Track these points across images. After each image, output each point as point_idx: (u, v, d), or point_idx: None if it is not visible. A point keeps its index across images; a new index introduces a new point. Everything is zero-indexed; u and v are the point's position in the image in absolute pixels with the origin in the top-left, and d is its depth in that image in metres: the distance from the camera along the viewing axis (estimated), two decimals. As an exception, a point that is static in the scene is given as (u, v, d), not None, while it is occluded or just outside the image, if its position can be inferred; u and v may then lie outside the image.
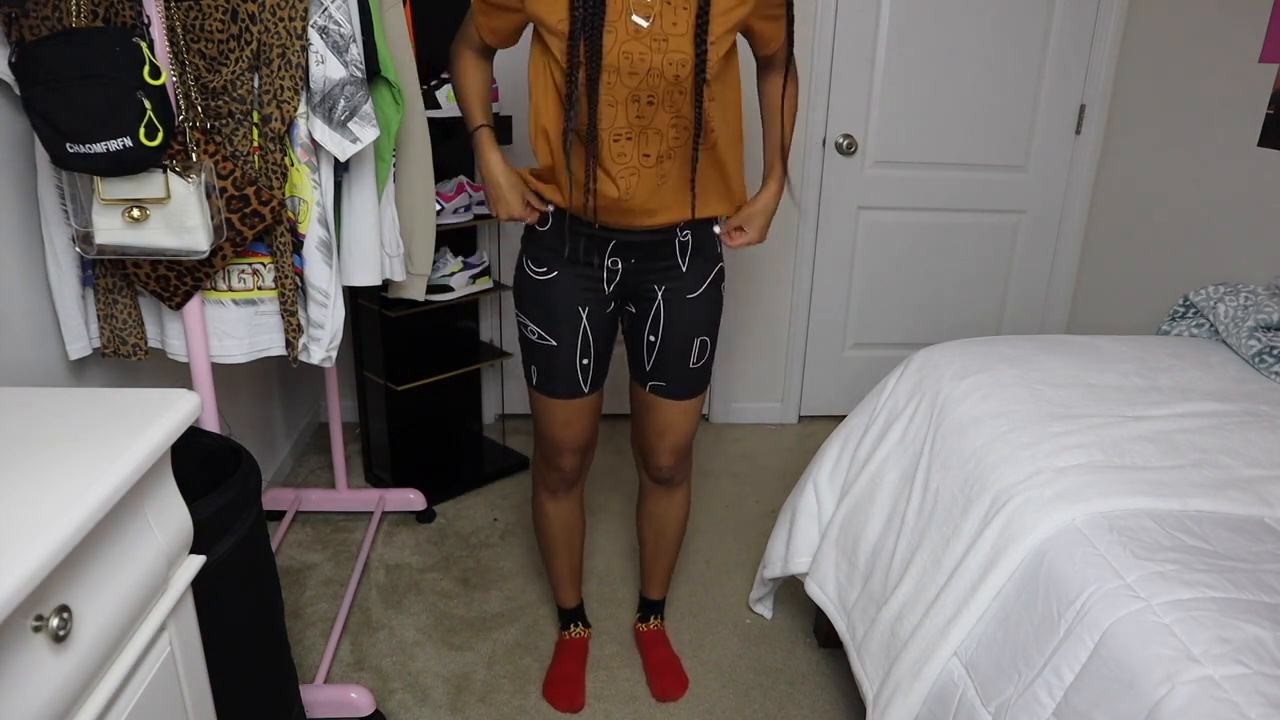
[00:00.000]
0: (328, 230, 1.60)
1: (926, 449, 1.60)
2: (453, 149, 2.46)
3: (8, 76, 1.34)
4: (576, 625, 1.99)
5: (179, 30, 1.41)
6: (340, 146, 1.55)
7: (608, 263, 1.57)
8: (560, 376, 1.64)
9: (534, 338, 1.63)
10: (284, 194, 1.55)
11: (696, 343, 1.65)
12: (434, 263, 2.22)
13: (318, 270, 1.61)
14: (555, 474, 1.77)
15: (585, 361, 1.64)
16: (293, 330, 1.62)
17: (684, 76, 1.37)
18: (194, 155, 1.41)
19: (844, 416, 1.96)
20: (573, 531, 1.88)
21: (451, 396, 2.79)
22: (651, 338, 1.64)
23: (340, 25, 1.50)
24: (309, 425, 2.96)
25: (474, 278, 2.52)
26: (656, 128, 1.42)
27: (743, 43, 1.51)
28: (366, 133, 1.56)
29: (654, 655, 1.94)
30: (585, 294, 1.59)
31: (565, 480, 1.78)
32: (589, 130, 1.40)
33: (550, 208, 1.55)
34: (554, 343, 1.61)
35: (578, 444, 1.73)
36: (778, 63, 1.59)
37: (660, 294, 1.61)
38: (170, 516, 1.01)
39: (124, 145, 1.29)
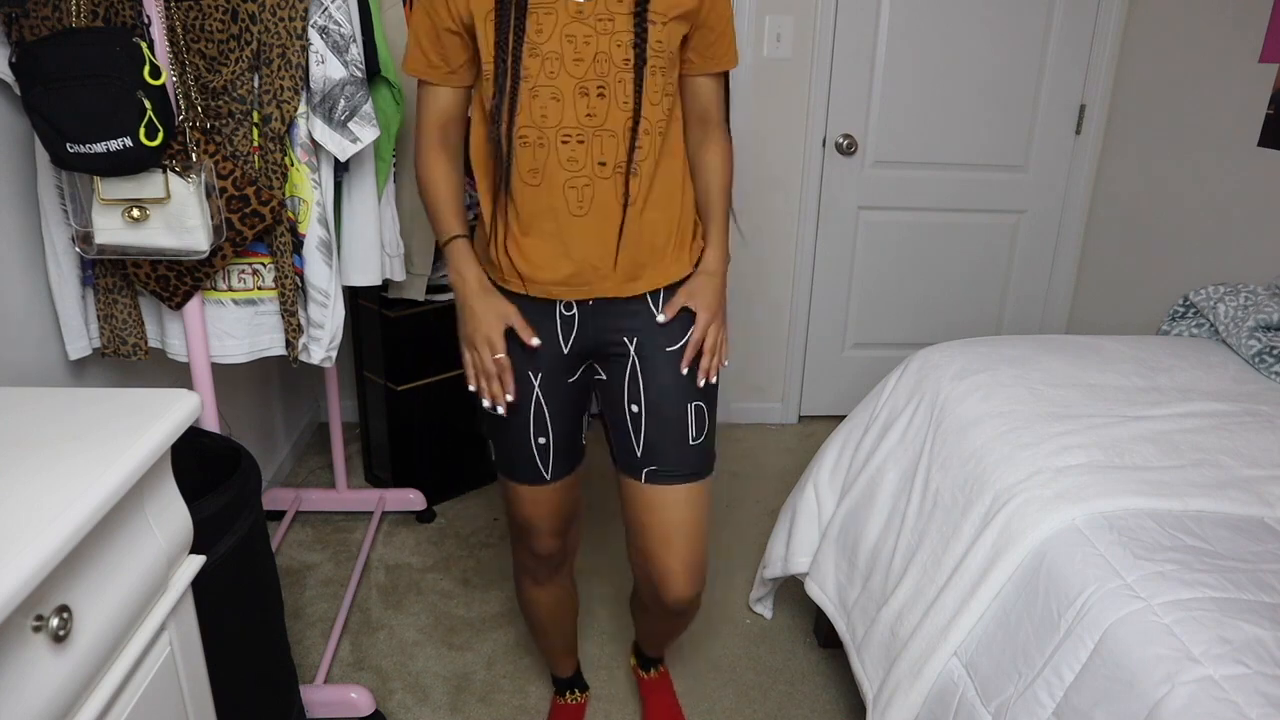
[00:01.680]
0: (328, 230, 1.60)
1: (926, 449, 1.60)
2: (453, 149, 2.46)
3: (8, 76, 1.34)
4: (573, 692, 1.81)
5: (179, 30, 1.41)
6: (340, 146, 1.55)
7: (560, 309, 1.31)
8: (517, 459, 1.38)
9: (485, 402, 1.33)
10: (284, 194, 1.55)
11: (691, 410, 1.34)
12: (434, 263, 2.23)
13: (318, 270, 1.61)
14: (533, 559, 1.52)
15: (542, 441, 1.36)
16: (293, 330, 1.62)
17: (635, 59, 1.19)
18: (194, 155, 1.41)
19: (844, 416, 1.96)
20: (563, 612, 1.65)
21: (451, 396, 2.79)
22: (634, 408, 1.34)
23: (340, 25, 1.50)
24: (309, 425, 2.96)
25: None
26: (610, 129, 1.22)
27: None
28: (366, 133, 1.56)
29: (654, 705, 1.81)
30: (535, 355, 1.32)
31: (547, 565, 1.53)
32: (507, 144, 1.21)
33: (536, 342, 1.30)
34: (501, 412, 1.33)
35: (552, 526, 1.46)
36: (712, 121, 1.36)
37: (632, 348, 1.33)
38: (170, 516, 1.01)
39: (124, 145, 1.29)
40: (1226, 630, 1.02)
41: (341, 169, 1.70)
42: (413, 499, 2.49)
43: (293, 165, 1.55)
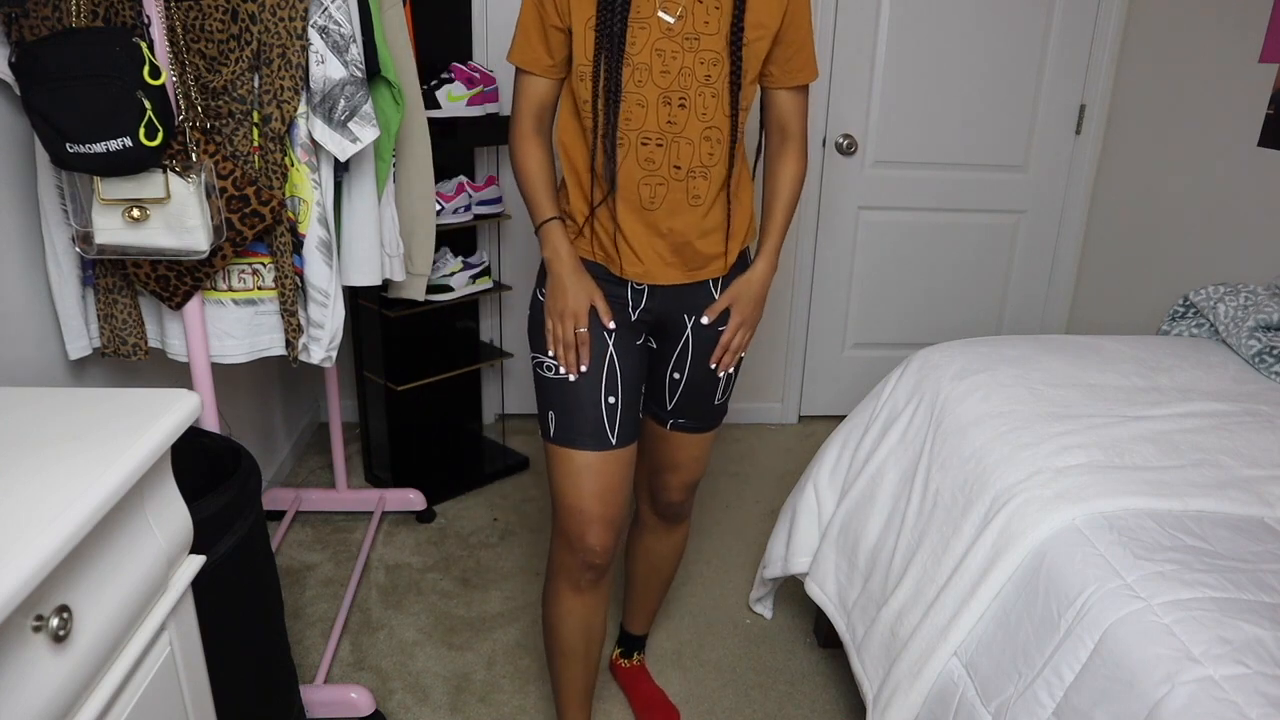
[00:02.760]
0: (328, 230, 1.60)
1: (926, 449, 1.60)
2: (453, 149, 2.46)
3: (8, 76, 1.34)
4: None
5: (179, 30, 1.41)
6: (340, 146, 1.55)
7: (631, 283, 1.43)
8: (583, 423, 1.39)
9: (550, 374, 1.41)
10: (284, 194, 1.55)
11: (723, 377, 1.51)
12: (434, 263, 2.23)
13: (318, 270, 1.61)
14: (579, 559, 1.43)
15: (612, 400, 1.40)
16: (293, 330, 1.62)
17: (715, 78, 1.31)
18: (194, 155, 1.41)
19: (844, 416, 1.96)
20: (594, 637, 1.54)
21: (451, 396, 2.79)
22: (676, 375, 1.50)
23: (340, 25, 1.50)
24: (309, 425, 2.96)
25: (474, 278, 2.52)
26: (688, 136, 1.33)
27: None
28: (366, 133, 1.56)
29: (641, 692, 1.85)
30: (611, 318, 1.42)
31: (593, 568, 1.44)
32: (609, 149, 1.33)
33: (614, 325, 1.41)
34: (571, 376, 1.40)
35: (608, 512, 1.41)
36: (790, 133, 1.46)
37: (690, 326, 1.46)
38: (170, 516, 1.01)
39: (124, 145, 1.29)
40: (1226, 630, 1.02)
41: (341, 169, 1.69)
42: (413, 499, 2.49)
43: (293, 165, 1.55)
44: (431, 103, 2.26)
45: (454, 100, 2.32)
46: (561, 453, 1.40)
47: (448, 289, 2.46)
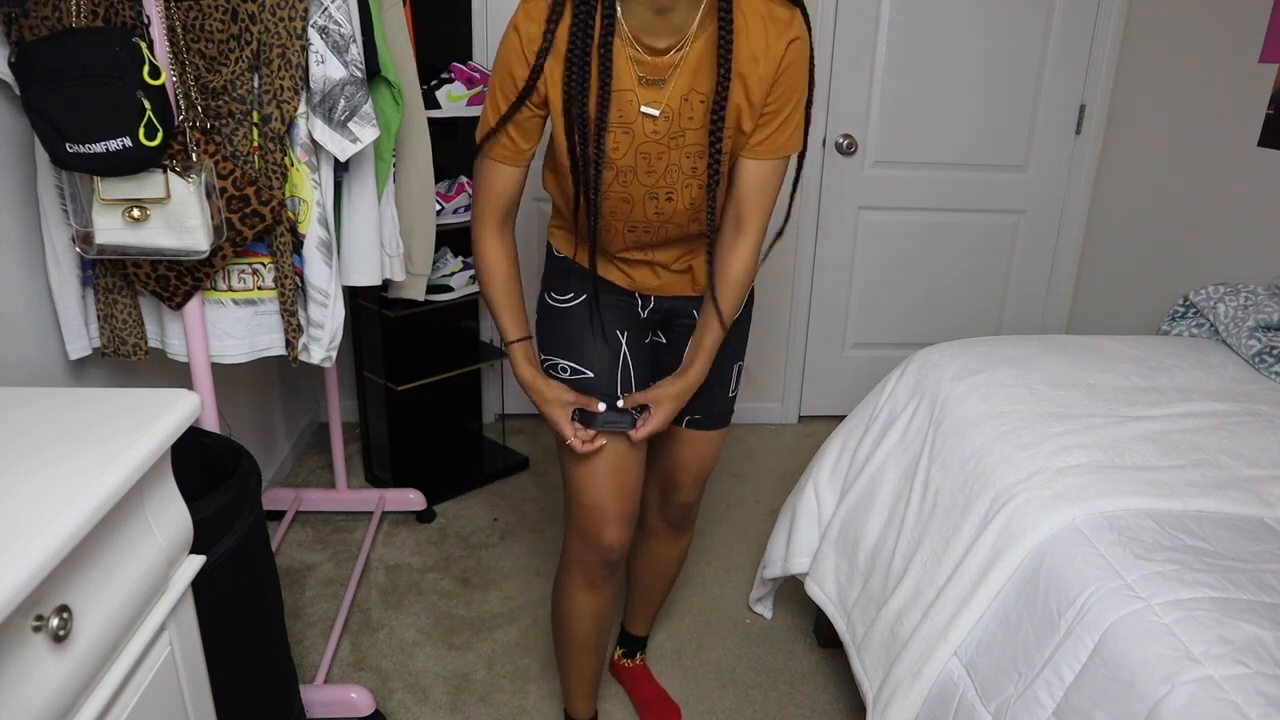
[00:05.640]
0: (328, 230, 1.60)
1: (926, 449, 1.60)
2: (453, 149, 2.46)
3: (8, 76, 1.34)
4: None
5: (179, 30, 1.40)
6: (340, 146, 1.55)
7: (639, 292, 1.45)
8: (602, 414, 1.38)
9: (564, 375, 1.40)
10: (284, 194, 1.55)
11: (734, 369, 1.52)
12: (434, 263, 2.22)
13: (318, 270, 1.61)
14: (595, 555, 1.44)
15: (627, 395, 1.41)
16: (293, 330, 1.62)
17: (701, 169, 1.26)
18: (194, 155, 1.41)
19: (844, 416, 1.95)
20: (605, 627, 1.56)
21: (451, 396, 2.79)
22: None
23: (340, 25, 1.50)
24: (309, 425, 2.96)
25: (474, 278, 2.51)
26: (675, 221, 1.32)
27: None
28: (366, 133, 1.56)
29: (644, 691, 1.85)
30: (622, 316, 1.42)
31: (608, 563, 1.45)
32: (591, 230, 1.29)
33: (602, 408, 1.37)
34: (590, 373, 1.39)
35: (625, 508, 1.41)
36: (746, 214, 1.30)
37: (698, 320, 1.44)
38: (170, 516, 1.01)
39: (124, 145, 1.29)
40: (1226, 630, 1.02)
41: (341, 169, 1.69)
42: (413, 499, 2.49)
43: (293, 165, 1.55)
44: (431, 103, 2.26)
45: (454, 100, 2.32)
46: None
47: (448, 289, 2.46)
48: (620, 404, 1.39)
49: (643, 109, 1.21)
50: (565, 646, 1.58)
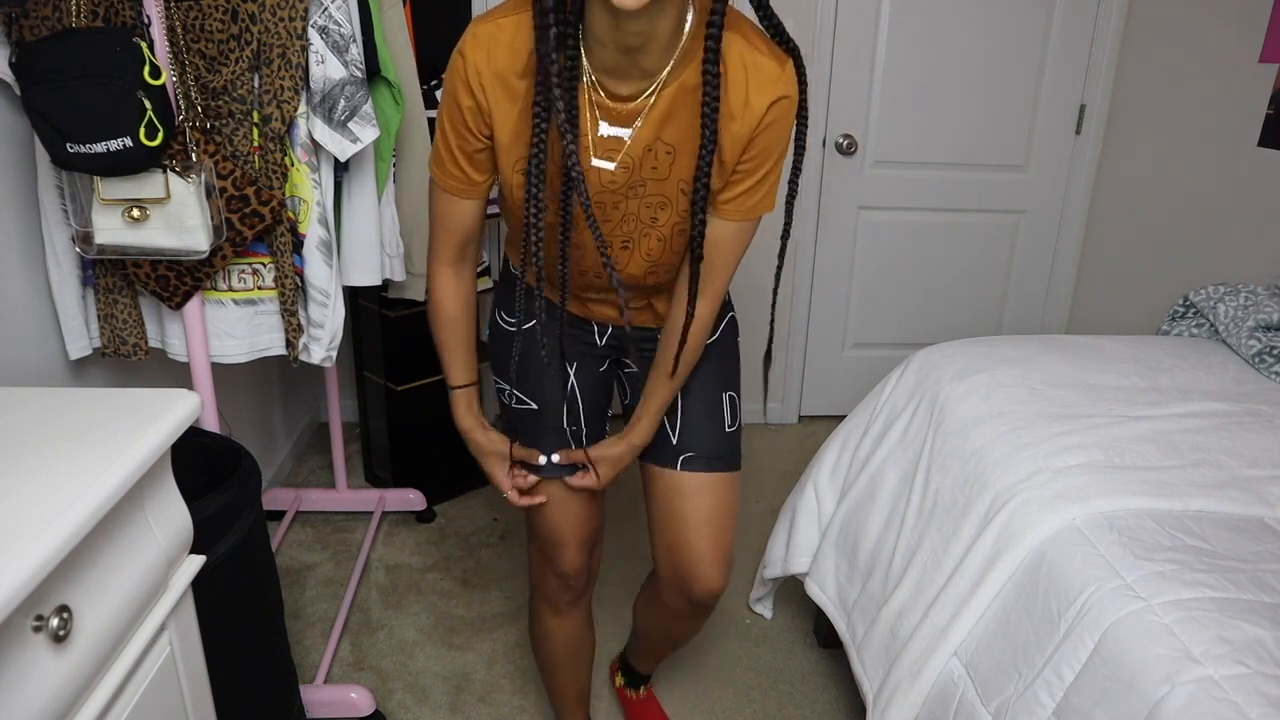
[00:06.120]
0: (328, 230, 1.60)
1: (926, 449, 1.60)
2: (453, 149, 2.45)
3: (8, 76, 1.34)
4: None
5: (179, 30, 1.41)
6: (340, 146, 1.55)
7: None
8: (548, 449, 1.33)
9: (512, 403, 1.35)
10: (284, 194, 1.55)
11: (726, 399, 1.35)
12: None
13: (318, 270, 1.61)
14: (557, 580, 1.42)
15: (574, 429, 1.35)
16: (293, 330, 1.62)
17: (663, 221, 1.15)
18: (194, 155, 1.41)
19: (844, 416, 1.95)
20: (580, 650, 1.53)
21: (451, 396, 2.79)
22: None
23: (340, 25, 1.50)
24: (309, 425, 2.96)
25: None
26: (630, 272, 1.22)
27: None
28: (367, 133, 1.56)
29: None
30: (575, 346, 1.34)
31: (570, 588, 1.43)
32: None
33: (543, 460, 1.31)
34: (534, 405, 1.33)
35: (581, 534, 1.37)
36: (712, 270, 1.18)
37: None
38: (170, 516, 1.01)
39: (124, 145, 1.29)
40: (1226, 630, 1.02)
41: (341, 169, 1.69)
42: (413, 499, 2.49)
43: (293, 165, 1.55)
44: (432, 103, 2.26)
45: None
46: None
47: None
48: (556, 459, 1.32)
49: (594, 162, 1.09)
50: (543, 668, 1.59)
